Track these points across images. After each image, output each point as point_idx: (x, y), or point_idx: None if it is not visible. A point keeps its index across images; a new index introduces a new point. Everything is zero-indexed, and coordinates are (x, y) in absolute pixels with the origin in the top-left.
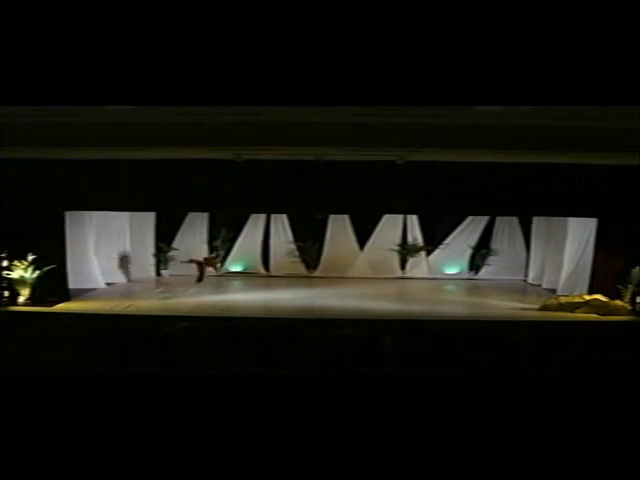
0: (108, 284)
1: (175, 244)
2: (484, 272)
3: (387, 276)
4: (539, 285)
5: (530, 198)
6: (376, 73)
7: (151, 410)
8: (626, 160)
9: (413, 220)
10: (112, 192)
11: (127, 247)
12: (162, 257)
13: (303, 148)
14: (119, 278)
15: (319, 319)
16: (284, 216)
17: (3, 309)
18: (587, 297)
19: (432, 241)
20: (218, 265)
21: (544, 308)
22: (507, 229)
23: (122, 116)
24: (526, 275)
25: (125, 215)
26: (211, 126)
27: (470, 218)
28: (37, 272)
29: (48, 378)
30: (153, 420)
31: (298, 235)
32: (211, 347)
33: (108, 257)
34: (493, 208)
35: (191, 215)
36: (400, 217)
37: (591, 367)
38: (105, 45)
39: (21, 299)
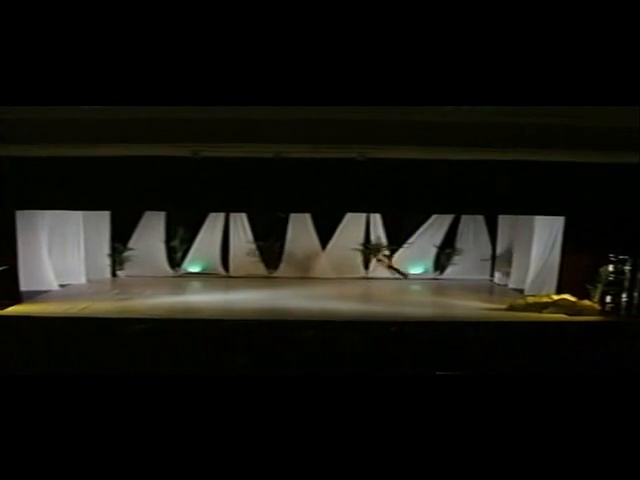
0: (62, 286)
1: (131, 244)
2: (449, 272)
3: (350, 276)
4: (505, 285)
5: (496, 196)
6: (353, 72)
7: (138, 410)
8: (592, 158)
9: (376, 219)
10: (65, 191)
11: (81, 247)
12: (118, 257)
13: (262, 145)
14: (73, 279)
15: (281, 321)
16: (243, 215)
17: None
18: (555, 297)
19: (396, 240)
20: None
21: (511, 308)
22: (472, 228)
23: (74, 113)
24: (492, 275)
25: (79, 214)
26: (167, 122)
27: (434, 216)
28: None
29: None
30: (141, 420)
31: (258, 234)
32: (170, 349)
33: (62, 258)
34: (458, 206)
35: (148, 214)
36: (363, 216)
37: (559, 368)
38: (78, 44)
39: None
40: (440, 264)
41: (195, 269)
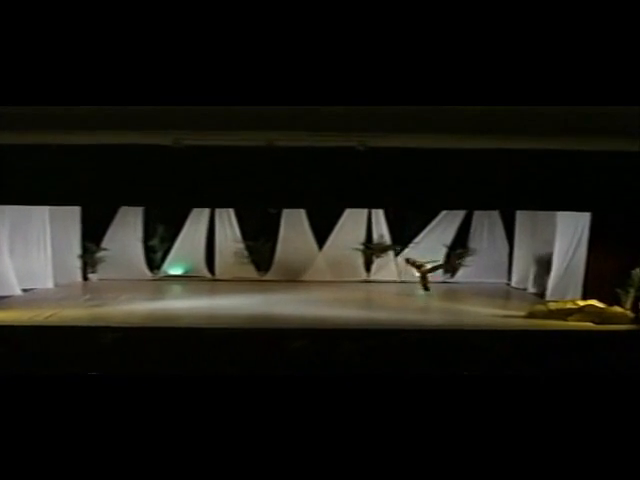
0: (25, 290)
1: (105, 243)
2: (461, 274)
3: (350, 279)
4: (524, 289)
5: (513, 189)
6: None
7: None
8: (623, 146)
9: (379, 215)
10: (29, 183)
11: (47, 247)
12: (89, 258)
13: (252, 132)
14: (38, 283)
15: (272, 329)
16: (231, 211)
17: None
18: (581, 303)
19: (401, 239)
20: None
21: (531, 315)
22: (487, 225)
23: None
24: (509, 278)
25: (45, 210)
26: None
27: (444, 213)
28: None
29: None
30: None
31: (247, 233)
32: (148, 361)
33: (25, 259)
34: (470, 201)
35: (123, 210)
36: (364, 212)
37: (585, 381)
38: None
39: None
40: (451, 266)
41: (177, 271)
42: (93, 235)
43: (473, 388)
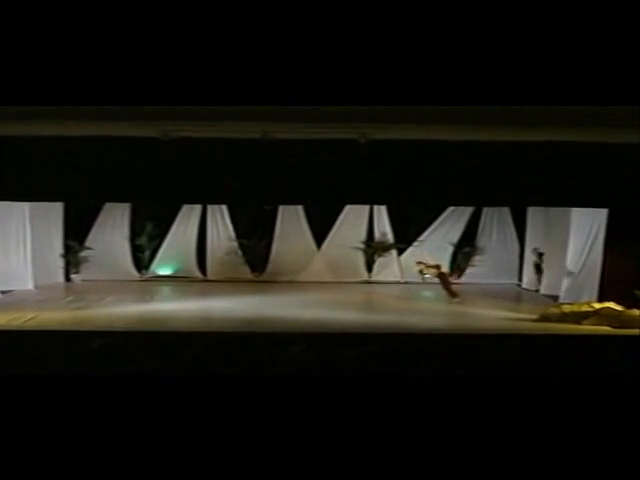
0: (3, 292)
1: (89, 242)
2: (469, 275)
3: (350, 280)
4: (536, 291)
5: (524, 184)
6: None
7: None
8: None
9: (381, 212)
10: (7, 178)
11: (27, 246)
12: (73, 258)
13: (246, 123)
14: (18, 284)
15: (268, 333)
16: (224, 207)
17: None
18: (597, 305)
19: (404, 238)
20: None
21: (543, 319)
22: (496, 222)
23: None
24: (520, 279)
25: (24, 206)
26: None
27: (451, 209)
28: None
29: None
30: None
31: (241, 231)
32: (136, 368)
33: (3, 259)
34: (479, 196)
35: (108, 207)
36: (365, 208)
37: (601, 389)
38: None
39: None
40: (457, 265)
41: (166, 272)
42: (76, 233)
43: (479, 394)
